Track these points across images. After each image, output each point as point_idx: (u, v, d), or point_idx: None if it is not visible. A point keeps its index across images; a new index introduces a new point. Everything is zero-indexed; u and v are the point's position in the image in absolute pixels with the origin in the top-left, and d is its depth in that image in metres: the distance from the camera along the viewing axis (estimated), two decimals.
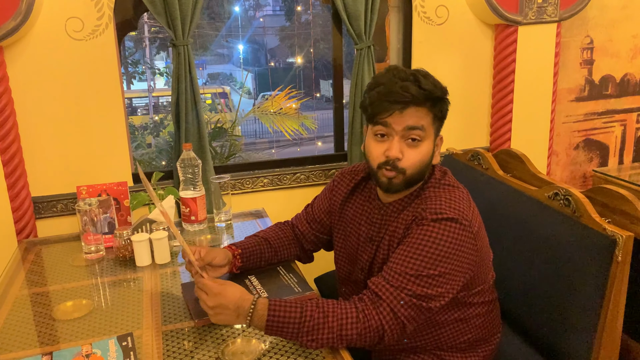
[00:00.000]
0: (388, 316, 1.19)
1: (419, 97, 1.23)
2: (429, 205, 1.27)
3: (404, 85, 1.23)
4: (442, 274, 1.21)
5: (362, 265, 1.43)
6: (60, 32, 2.03)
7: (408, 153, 1.27)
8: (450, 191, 1.31)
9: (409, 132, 1.25)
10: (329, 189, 1.59)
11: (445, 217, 1.23)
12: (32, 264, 1.78)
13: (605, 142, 2.89)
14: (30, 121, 2.06)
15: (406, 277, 1.21)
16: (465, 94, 2.56)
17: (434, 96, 1.25)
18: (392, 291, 1.20)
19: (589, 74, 2.76)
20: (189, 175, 1.92)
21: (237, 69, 11.85)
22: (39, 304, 1.51)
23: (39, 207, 2.13)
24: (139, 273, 1.66)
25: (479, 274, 1.34)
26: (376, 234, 1.39)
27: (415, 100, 1.23)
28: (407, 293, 1.19)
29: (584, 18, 2.65)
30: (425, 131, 1.26)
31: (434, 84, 1.26)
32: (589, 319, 1.35)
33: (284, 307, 1.20)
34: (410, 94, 1.22)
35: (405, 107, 1.24)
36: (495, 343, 1.46)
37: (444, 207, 1.25)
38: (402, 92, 1.23)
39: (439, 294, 1.21)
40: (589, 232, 1.38)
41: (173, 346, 1.26)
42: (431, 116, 1.27)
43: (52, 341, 1.31)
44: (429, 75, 1.27)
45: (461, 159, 2.11)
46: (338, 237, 1.53)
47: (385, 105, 1.25)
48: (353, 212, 1.48)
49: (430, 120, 1.27)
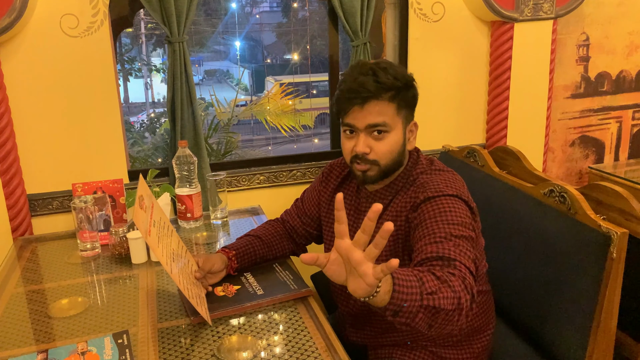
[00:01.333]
0: (467, 272, 1.11)
1: (376, 91, 1.26)
2: (428, 187, 1.29)
3: (362, 80, 1.26)
4: (472, 238, 1.20)
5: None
6: (55, 29, 2.02)
7: (376, 146, 1.30)
8: (442, 174, 1.34)
9: (371, 128, 1.29)
10: (319, 181, 1.61)
11: (447, 193, 1.26)
12: (28, 261, 1.78)
13: (601, 138, 2.90)
14: (25, 118, 2.05)
15: (453, 238, 1.17)
16: (461, 90, 2.56)
17: (393, 88, 1.27)
18: (454, 249, 1.14)
19: (585, 71, 2.77)
20: (185, 172, 1.92)
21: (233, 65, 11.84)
22: (34, 301, 1.51)
23: (34, 204, 2.12)
24: (134, 270, 1.66)
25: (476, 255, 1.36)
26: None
27: (373, 95, 1.26)
28: (465, 248, 1.16)
29: (580, 15, 2.65)
30: (388, 124, 1.29)
31: (393, 75, 1.27)
32: (584, 315, 1.35)
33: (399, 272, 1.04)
34: (366, 89, 1.26)
35: (364, 102, 1.27)
36: (489, 336, 1.47)
37: (443, 187, 1.28)
38: (358, 88, 1.26)
39: (476, 257, 1.21)
40: (584, 229, 1.38)
41: (169, 343, 1.26)
42: (394, 107, 1.29)
43: (48, 339, 1.31)
44: (389, 67, 1.29)
45: (457, 156, 2.11)
46: (327, 229, 1.54)
47: (346, 102, 1.29)
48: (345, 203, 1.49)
49: (394, 111, 1.29)
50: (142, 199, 1.35)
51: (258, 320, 1.35)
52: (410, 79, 1.32)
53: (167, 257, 1.32)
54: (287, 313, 1.37)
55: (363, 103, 1.27)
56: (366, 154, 1.30)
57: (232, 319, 1.35)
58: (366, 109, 1.27)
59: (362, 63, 1.32)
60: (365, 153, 1.30)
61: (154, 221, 1.36)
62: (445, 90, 2.54)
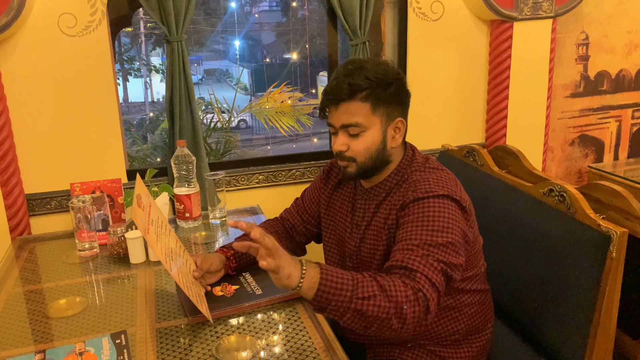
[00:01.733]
0: (426, 284, 1.13)
1: (349, 92, 1.28)
2: (418, 186, 1.30)
3: (337, 82, 1.30)
4: (453, 242, 1.21)
5: (350, 253, 1.45)
6: (53, 28, 2.01)
7: (352, 144, 1.33)
8: (436, 173, 1.34)
9: (345, 128, 1.33)
10: (320, 178, 1.62)
11: (437, 194, 1.26)
12: (26, 261, 1.78)
13: (600, 138, 2.90)
14: (23, 118, 2.05)
15: (425, 247, 1.19)
16: (460, 90, 2.56)
17: (365, 88, 1.28)
18: (419, 260, 1.16)
19: (585, 70, 2.76)
20: (183, 172, 1.91)
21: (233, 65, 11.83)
22: (32, 301, 1.50)
23: (32, 204, 2.12)
24: (133, 270, 1.66)
25: (472, 255, 1.36)
26: (361, 220, 1.42)
27: (346, 96, 1.29)
28: (434, 259, 1.17)
29: (579, 14, 2.64)
30: (362, 123, 1.30)
31: (366, 75, 1.28)
32: (584, 314, 1.35)
33: (333, 269, 1.12)
34: (339, 90, 1.29)
35: (337, 103, 1.31)
36: (488, 335, 1.46)
37: (433, 186, 1.28)
38: (333, 89, 1.30)
39: (457, 263, 1.21)
40: (583, 228, 1.38)
41: (167, 344, 1.25)
42: (367, 106, 1.30)
43: (46, 339, 1.31)
44: (367, 66, 1.30)
45: (456, 155, 2.11)
46: (326, 226, 1.55)
47: (324, 102, 1.34)
48: (341, 200, 1.51)
49: (368, 111, 1.30)
50: (140, 198, 1.35)
51: (257, 320, 1.34)
52: (389, 76, 1.31)
53: (167, 255, 1.31)
54: (286, 313, 1.37)
55: (337, 104, 1.31)
56: (343, 151, 1.34)
57: (230, 319, 1.34)
58: (340, 109, 1.31)
59: (347, 62, 1.35)
60: (341, 151, 1.34)
61: (152, 220, 1.35)
62: (445, 90, 2.54)
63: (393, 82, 1.31)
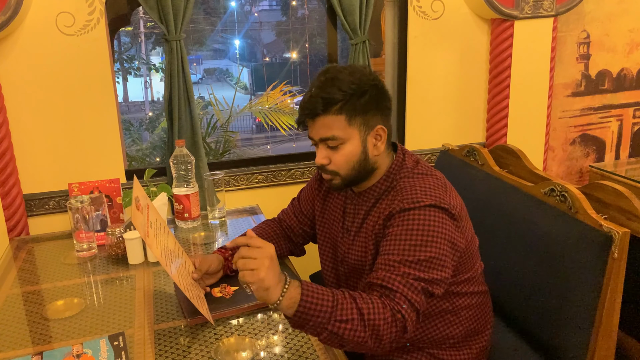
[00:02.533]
0: (405, 304, 1.15)
1: (321, 107, 1.25)
2: (404, 195, 1.27)
3: (311, 96, 1.27)
4: (437, 257, 1.20)
5: (342, 257, 1.44)
6: (51, 27, 2.00)
7: (333, 157, 1.31)
8: (424, 179, 1.31)
9: (323, 141, 1.30)
10: (314, 179, 1.60)
11: (423, 204, 1.23)
12: (24, 262, 1.77)
13: (601, 137, 2.89)
14: (21, 117, 2.04)
15: (406, 264, 1.18)
16: (461, 89, 2.54)
17: (338, 100, 1.24)
18: (399, 279, 1.17)
19: (586, 69, 2.75)
20: (182, 171, 1.90)
21: (233, 64, 11.83)
22: (30, 302, 1.49)
23: (30, 204, 2.11)
24: (131, 271, 1.65)
25: (466, 259, 1.34)
26: (350, 224, 1.40)
27: (320, 111, 1.26)
28: (414, 278, 1.17)
29: (580, 12, 2.63)
30: (339, 136, 1.27)
31: (339, 87, 1.24)
32: (585, 315, 1.34)
33: (316, 288, 1.11)
34: (312, 106, 1.26)
35: (313, 117, 1.28)
36: (487, 337, 1.45)
37: (420, 195, 1.25)
38: (307, 105, 1.28)
39: (440, 278, 1.20)
40: (585, 229, 1.37)
41: (165, 345, 1.25)
42: (343, 118, 1.26)
43: (43, 340, 1.30)
44: (338, 78, 1.26)
45: (457, 155, 2.10)
46: (320, 229, 1.53)
47: (300, 117, 1.31)
48: (333, 204, 1.49)
49: (344, 123, 1.26)
50: (138, 200, 1.34)
51: (256, 321, 1.33)
52: (363, 85, 1.26)
53: (166, 257, 1.30)
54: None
55: (313, 118, 1.28)
56: (324, 165, 1.32)
57: (230, 320, 1.34)
58: (317, 124, 1.28)
59: (322, 71, 1.31)
60: (323, 164, 1.32)
61: (150, 222, 1.34)
62: (445, 89, 2.53)
63: (367, 90, 1.27)
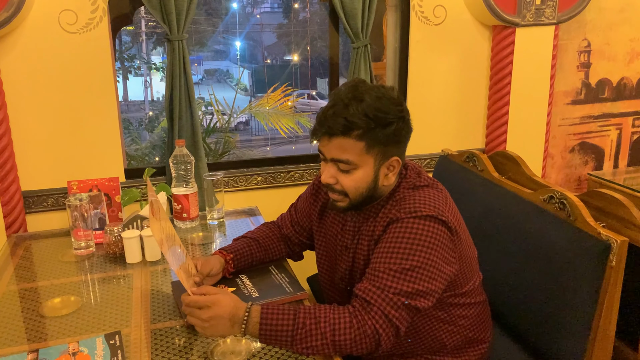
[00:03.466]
0: (381, 319, 1.16)
1: (341, 129, 1.20)
2: (403, 206, 1.26)
3: (334, 112, 1.21)
4: (424, 266, 1.19)
5: (342, 275, 1.42)
6: (54, 25, 2.00)
7: (341, 178, 1.27)
8: (425, 191, 1.29)
9: (336, 162, 1.26)
10: (310, 192, 1.57)
11: (421, 214, 1.22)
12: (21, 259, 1.76)
13: (600, 145, 2.89)
14: (21, 114, 2.03)
15: (389, 273, 1.18)
16: (461, 94, 2.55)
17: (361, 127, 1.19)
18: (379, 293, 1.18)
19: (586, 77, 2.76)
20: (182, 171, 1.90)
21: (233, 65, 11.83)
22: (27, 299, 1.49)
23: (29, 201, 2.10)
24: (129, 270, 1.64)
25: (463, 273, 1.33)
26: (350, 242, 1.38)
27: (339, 132, 1.21)
28: (393, 292, 1.17)
29: (581, 21, 2.64)
30: (353, 162, 1.23)
31: (365, 113, 1.19)
32: (582, 323, 1.34)
33: (277, 314, 1.17)
34: (333, 124, 1.20)
35: (330, 136, 1.22)
36: (486, 345, 1.45)
37: (419, 206, 1.24)
38: (327, 121, 1.21)
39: (425, 290, 1.19)
40: (583, 236, 1.37)
41: (162, 345, 1.24)
42: (362, 145, 1.21)
43: (39, 338, 1.29)
44: (365, 101, 1.20)
45: (456, 160, 2.10)
46: (318, 244, 1.52)
47: (317, 129, 1.25)
48: (331, 219, 1.47)
49: (362, 149, 1.22)
50: (152, 205, 1.32)
51: None
52: (390, 116, 1.21)
53: (174, 259, 1.29)
54: None
55: (330, 137, 1.23)
56: (331, 184, 1.28)
57: None
58: (333, 143, 1.23)
59: (350, 85, 1.25)
60: (330, 184, 1.28)
61: (162, 227, 1.33)
62: (446, 94, 2.53)
63: (393, 122, 1.22)
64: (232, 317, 1.16)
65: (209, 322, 1.16)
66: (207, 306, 1.17)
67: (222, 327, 1.16)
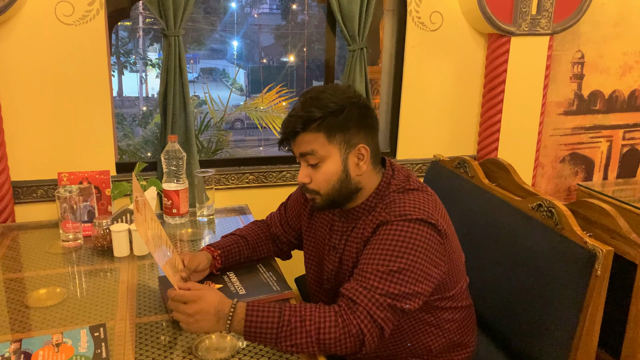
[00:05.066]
0: (366, 320, 1.17)
1: (301, 125, 1.27)
2: (393, 209, 1.27)
3: (292, 115, 1.29)
4: (411, 268, 1.19)
5: (328, 275, 1.43)
6: (50, 16, 1.99)
7: (314, 175, 1.31)
8: (414, 194, 1.30)
9: (304, 158, 1.31)
10: (300, 193, 1.58)
11: (410, 218, 1.24)
12: (8, 249, 1.75)
13: (590, 156, 2.92)
14: (14, 104, 2.02)
15: (377, 274, 1.19)
16: (455, 101, 2.56)
17: (315, 119, 1.26)
18: (365, 294, 1.18)
19: (579, 89, 2.78)
20: (173, 167, 1.90)
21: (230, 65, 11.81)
22: (12, 290, 1.48)
23: (18, 191, 2.09)
24: (116, 263, 1.64)
25: (451, 277, 1.34)
26: (338, 242, 1.39)
27: (300, 129, 1.27)
28: (380, 293, 1.18)
29: (576, 33, 2.67)
30: (318, 152, 1.28)
31: (318, 105, 1.26)
32: (566, 331, 1.35)
33: (262, 311, 1.17)
34: (292, 124, 1.28)
35: (294, 135, 1.29)
36: (470, 350, 1.46)
37: (408, 209, 1.25)
38: (288, 123, 1.30)
39: (412, 292, 1.19)
40: (570, 245, 1.38)
41: (146, 339, 1.24)
42: (322, 135, 1.27)
43: (23, 328, 1.29)
44: (319, 98, 1.27)
45: (447, 166, 2.11)
46: (307, 244, 1.53)
47: (282, 135, 1.33)
48: (320, 220, 1.48)
49: (323, 140, 1.27)
50: (137, 200, 1.32)
51: None
52: (342, 102, 1.27)
53: (161, 255, 1.29)
54: None
55: (294, 137, 1.30)
56: (305, 183, 1.32)
57: None
58: (297, 140, 1.30)
59: (306, 91, 1.33)
60: (304, 183, 1.33)
61: (147, 222, 1.32)
62: (439, 100, 2.55)
63: (346, 107, 1.26)
64: (218, 312, 1.17)
65: (194, 317, 1.16)
66: (192, 301, 1.17)
67: (207, 323, 1.17)
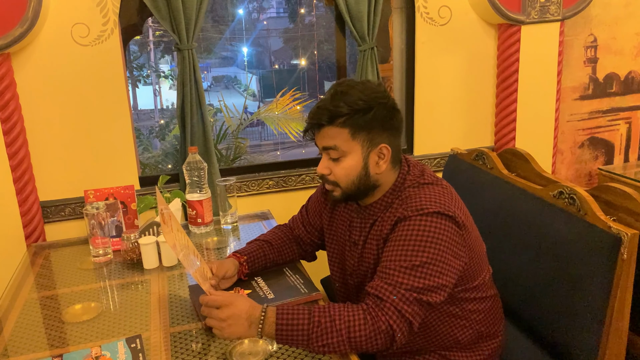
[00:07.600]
0: (394, 315, 1.18)
1: (327, 119, 1.29)
2: (410, 204, 1.29)
3: (320, 106, 1.31)
4: (433, 261, 1.21)
5: (351, 271, 1.45)
6: (67, 38, 2.05)
7: (334, 168, 1.33)
8: (430, 188, 1.32)
9: (326, 151, 1.33)
10: (320, 191, 1.61)
11: (428, 211, 1.25)
12: (41, 267, 1.80)
13: (610, 140, 2.89)
14: (37, 126, 2.08)
15: (400, 270, 1.21)
16: (469, 93, 2.56)
17: (342, 114, 1.27)
18: (391, 290, 1.20)
19: (593, 72, 2.76)
20: (195, 178, 1.94)
21: (241, 71, 11.88)
22: (48, 307, 1.53)
23: (47, 211, 2.15)
24: (146, 275, 1.68)
25: (473, 267, 1.35)
26: (358, 238, 1.41)
27: (325, 122, 1.30)
28: (405, 288, 1.20)
29: (587, 16, 2.64)
30: (341, 148, 1.30)
31: (347, 101, 1.27)
32: (595, 316, 1.35)
33: (292, 313, 1.19)
34: (319, 116, 1.30)
35: (319, 128, 1.32)
36: (499, 340, 1.46)
37: (425, 203, 1.27)
38: (314, 115, 1.32)
39: (436, 285, 1.21)
40: (594, 230, 1.38)
41: (181, 347, 1.27)
42: (347, 131, 1.29)
43: (62, 344, 1.33)
44: (348, 93, 1.29)
45: (465, 159, 2.12)
46: (329, 241, 1.55)
47: (307, 125, 1.35)
48: (340, 217, 1.50)
49: (347, 136, 1.29)
50: (162, 212, 1.35)
51: None
52: (371, 101, 1.28)
53: (190, 264, 1.32)
54: None
55: (319, 128, 1.32)
56: (325, 174, 1.35)
57: None
58: (322, 133, 1.32)
59: (337, 83, 1.34)
60: (324, 174, 1.35)
61: (174, 232, 1.36)
62: (453, 94, 2.55)
63: (373, 107, 1.28)
64: (249, 317, 1.19)
65: (226, 321, 1.19)
66: (225, 305, 1.20)
67: (239, 328, 1.19)
